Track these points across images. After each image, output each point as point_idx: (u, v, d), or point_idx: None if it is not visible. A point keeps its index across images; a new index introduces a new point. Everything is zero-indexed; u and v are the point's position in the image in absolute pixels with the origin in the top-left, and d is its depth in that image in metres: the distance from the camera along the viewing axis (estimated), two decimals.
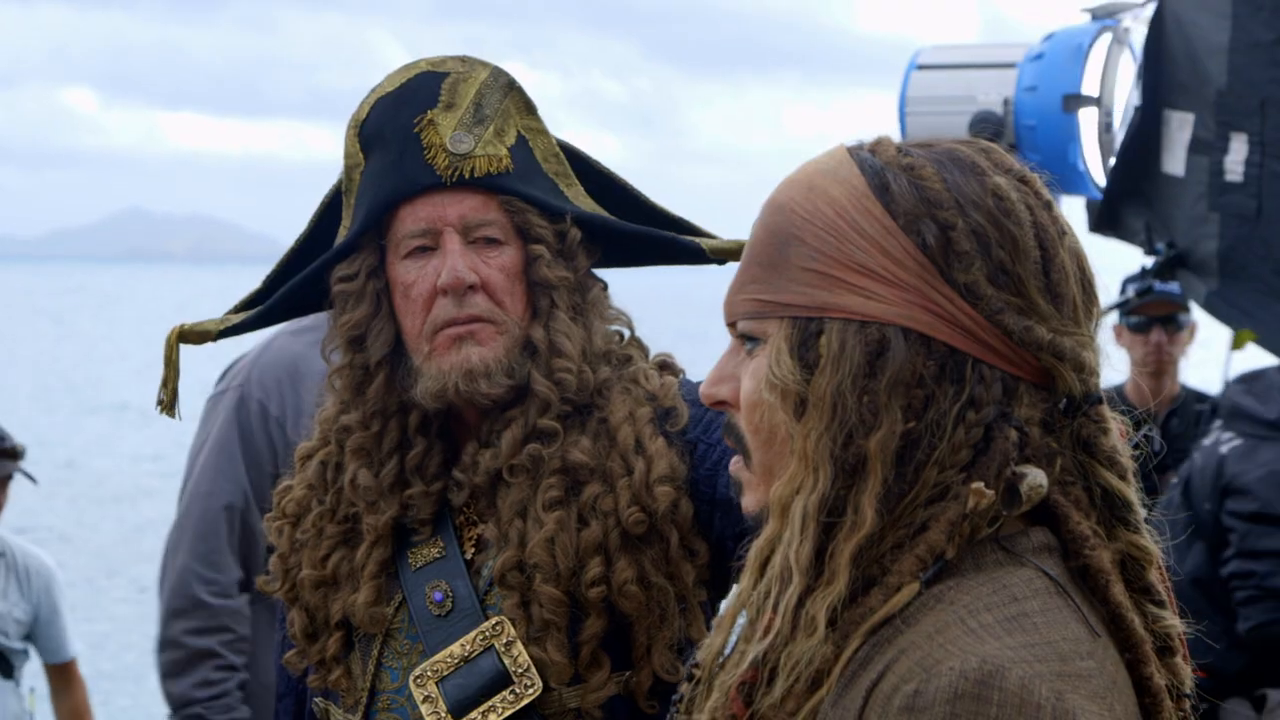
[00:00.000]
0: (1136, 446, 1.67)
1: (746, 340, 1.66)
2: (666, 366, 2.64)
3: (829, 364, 1.58)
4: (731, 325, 1.68)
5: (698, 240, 2.64)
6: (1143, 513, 1.65)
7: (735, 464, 1.70)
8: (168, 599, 4.00)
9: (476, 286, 2.46)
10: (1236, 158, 4.24)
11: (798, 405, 1.59)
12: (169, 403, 2.67)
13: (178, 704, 3.99)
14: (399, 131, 2.49)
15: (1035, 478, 1.58)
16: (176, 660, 3.98)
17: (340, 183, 2.60)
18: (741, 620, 1.69)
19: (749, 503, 1.68)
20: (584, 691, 2.45)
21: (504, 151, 2.50)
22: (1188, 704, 1.66)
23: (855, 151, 1.65)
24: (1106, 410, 1.64)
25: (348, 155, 2.56)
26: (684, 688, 1.75)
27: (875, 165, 1.62)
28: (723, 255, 2.62)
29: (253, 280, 2.73)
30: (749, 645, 1.64)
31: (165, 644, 4.00)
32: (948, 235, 1.58)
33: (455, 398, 2.46)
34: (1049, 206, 1.63)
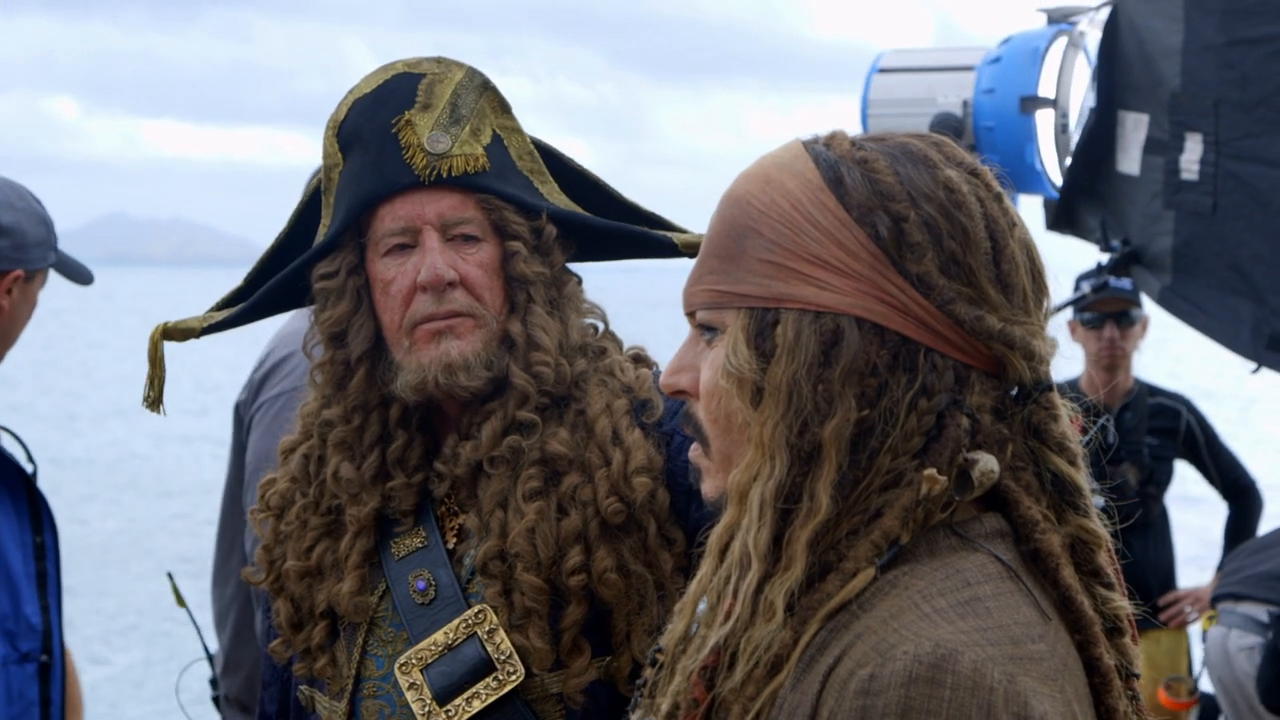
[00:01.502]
0: (1093, 435, 1.73)
1: (705, 330, 1.68)
2: (640, 359, 2.68)
3: (784, 353, 1.60)
4: (690, 315, 1.70)
5: (669, 235, 2.68)
6: (1092, 497, 1.68)
7: (694, 451, 1.72)
8: None
9: (455, 283, 2.50)
10: (1191, 157, 4.31)
11: (754, 394, 1.62)
12: (155, 399, 2.72)
13: None
14: (377, 132, 2.53)
15: (987, 463, 1.61)
16: None
17: (319, 182, 2.63)
18: (702, 606, 1.71)
19: (708, 489, 1.71)
20: (565, 677, 2.49)
21: (480, 150, 2.54)
22: (1135, 683, 1.68)
23: (810, 145, 1.67)
24: (1056, 397, 1.67)
25: (326, 155, 2.60)
26: (648, 672, 1.78)
27: (830, 159, 1.65)
28: (694, 250, 2.65)
29: (232, 281, 2.77)
30: (710, 630, 1.66)
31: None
32: (900, 227, 1.61)
33: (435, 390, 2.50)
34: (999, 198, 1.66)
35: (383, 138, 2.53)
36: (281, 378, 4.07)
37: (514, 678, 2.48)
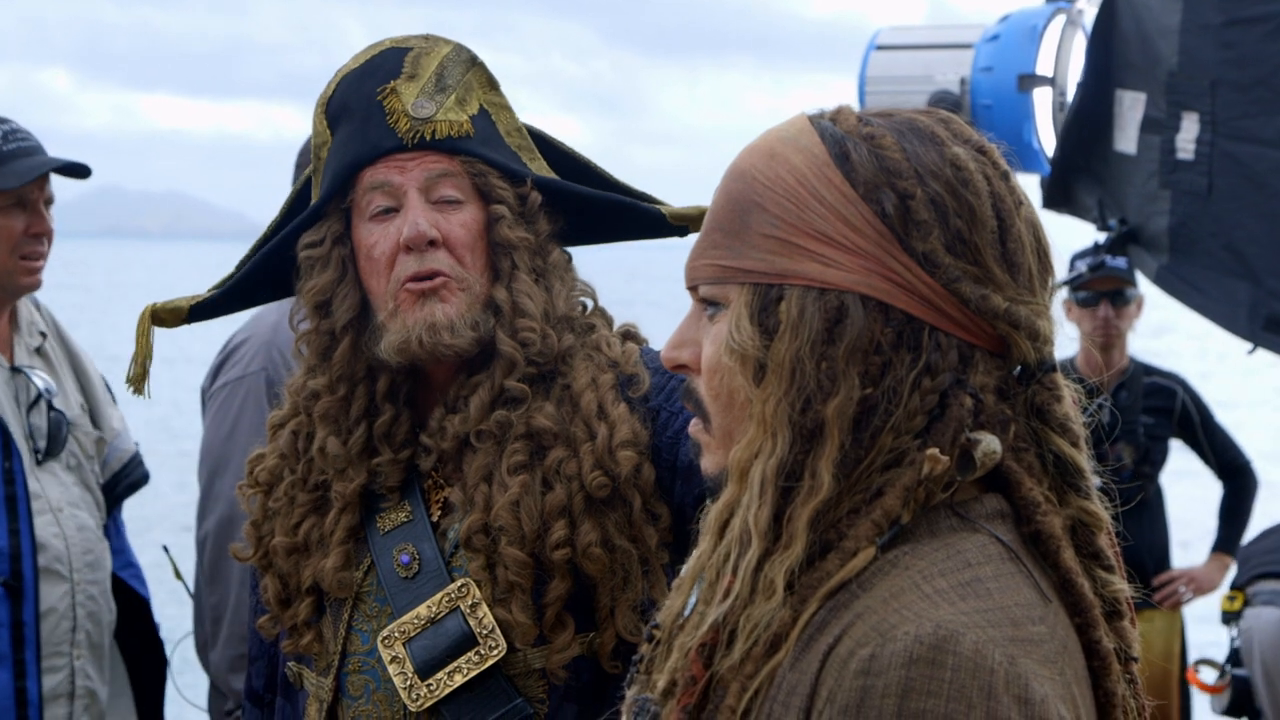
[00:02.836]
0: (1090, 416, 1.68)
1: (708, 305, 1.67)
2: (630, 335, 2.67)
3: (788, 330, 1.59)
4: (693, 289, 1.69)
5: (658, 207, 2.67)
6: (1093, 479, 1.67)
7: (694, 426, 1.71)
8: (238, 592, 3.97)
9: (438, 242, 2.49)
10: (1188, 136, 4.31)
11: (757, 370, 1.60)
12: (138, 379, 2.71)
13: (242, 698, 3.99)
14: (363, 102, 2.53)
15: (989, 444, 1.59)
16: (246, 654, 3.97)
17: (311, 168, 2.63)
18: (700, 583, 1.70)
19: (708, 465, 1.70)
20: (549, 652, 2.49)
21: (465, 118, 2.54)
22: (1134, 667, 1.67)
23: (816, 120, 1.66)
24: (1060, 378, 1.66)
25: (316, 134, 2.60)
26: (644, 649, 1.77)
27: (836, 134, 1.63)
28: (684, 222, 2.66)
29: (223, 253, 2.77)
30: (708, 608, 1.65)
31: (236, 638, 3.97)
32: (906, 204, 1.59)
33: (419, 351, 2.48)
34: (1006, 177, 1.65)
35: (368, 107, 2.53)
36: (231, 365, 4.07)
37: (495, 652, 2.48)
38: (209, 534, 4.03)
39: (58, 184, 4.14)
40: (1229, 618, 5.32)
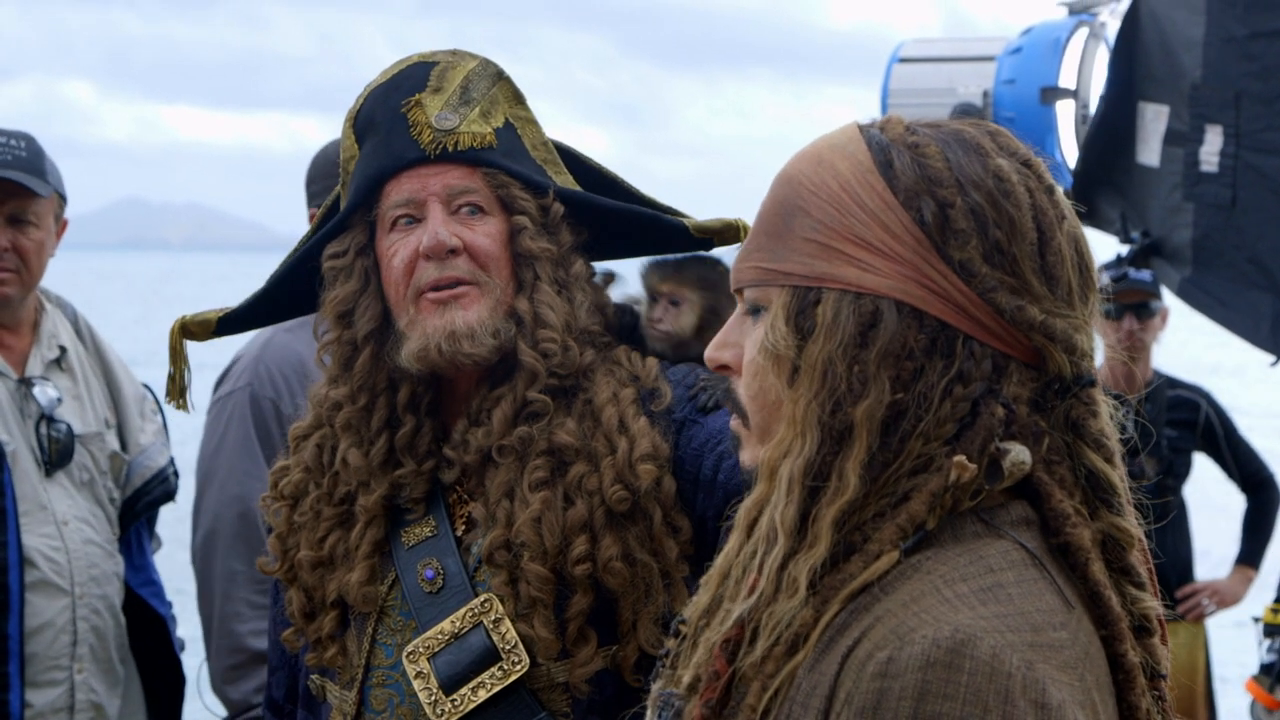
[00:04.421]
0: (1121, 429, 1.69)
1: (751, 307, 1.69)
2: None
3: (822, 332, 1.60)
4: (738, 292, 1.71)
5: (682, 219, 2.68)
6: (1126, 495, 1.67)
7: (735, 422, 1.73)
8: (220, 605, 3.99)
9: (459, 250, 2.50)
10: (1211, 149, 4.30)
11: (791, 371, 1.62)
12: (176, 393, 2.73)
13: (239, 709, 3.99)
14: (388, 115, 2.55)
15: (1018, 454, 1.60)
16: (239, 664, 3.97)
17: (340, 182, 2.65)
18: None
19: (745, 457, 1.71)
20: (571, 666, 2.49)
21: (488, 130, 2.55)
22: (1163, 684, 1.67)
23: (865, 128, 1.68)
24: (1098, 394, 1.66)
25: (344, 149, 2.61)
26: (670, 643, 1.78)
27: (882, 142, 1.65)
28: (708, 234, 2.67)
29: (245, 265, 2.78)
30: (734, 604, 1.66)
31: (226, 650, 4.00)
32: (945, 213, 1.60)
33: (438, 358, 2.49)
34: (1050, 191, 1.65)
35: (393, 119, 2.55)
36: (225, 382, 4.09)
37: (519, 667, 2.48)
38: (196, 549, 4.05)
39: (80, 193, 4.10)
40: (1272, 630, 5.28)
